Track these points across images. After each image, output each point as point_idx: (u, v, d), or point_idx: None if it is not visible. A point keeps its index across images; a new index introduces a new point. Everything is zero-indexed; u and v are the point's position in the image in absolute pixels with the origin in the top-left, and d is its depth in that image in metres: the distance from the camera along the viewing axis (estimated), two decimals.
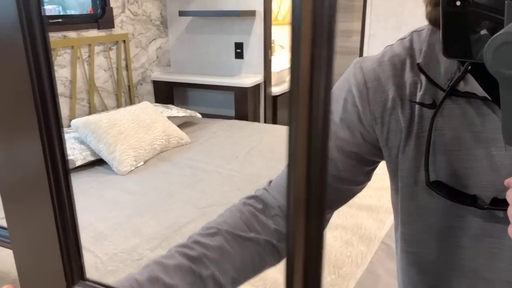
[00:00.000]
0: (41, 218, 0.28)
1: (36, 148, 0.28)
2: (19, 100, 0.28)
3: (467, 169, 0.46)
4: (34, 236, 0.29)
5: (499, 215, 0.46)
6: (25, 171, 0.29)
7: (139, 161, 1.75)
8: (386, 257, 1.16)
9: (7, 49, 0.27)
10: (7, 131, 0.29)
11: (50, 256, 0.29)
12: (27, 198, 0.29)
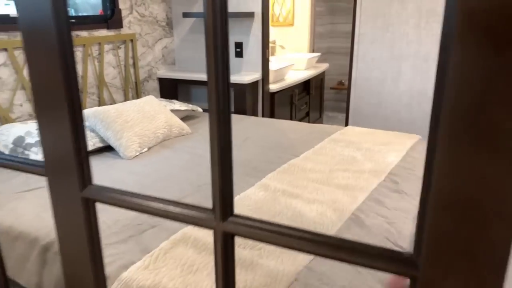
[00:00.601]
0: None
1: (66, 126, 0.48)
2: (54, 87, 0.48)
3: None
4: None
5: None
6: (58, 141, 0.49)
7: (143, 148, 1.95)
8: (355, 225, 1.34)
9: (45, 46, 0.47)
10: (48, 110, 0.49)
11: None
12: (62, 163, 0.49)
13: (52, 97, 0.52)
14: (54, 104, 0.52)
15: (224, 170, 0.46)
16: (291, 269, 1.10)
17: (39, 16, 0.49)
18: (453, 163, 0.32)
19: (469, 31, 0.29)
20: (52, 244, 1.27)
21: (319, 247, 0.43)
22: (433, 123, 0.33)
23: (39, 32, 0.50)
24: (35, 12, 0.49)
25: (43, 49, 0.50)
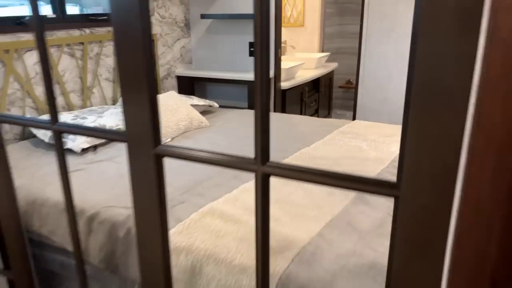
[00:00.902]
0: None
1: (145, 99, 0.66)
2: (137, 71, 0.66)
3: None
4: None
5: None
6: (139, 113, 0.68)
7: (167, 138, 2.14)
8: (361, 203, 1.51)
9: (133, 41, 0.66)
10: (132, 90, 0.67)
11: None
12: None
13: (136, 78, 0.71)
14: (137, 84, 0.71)
15: (264, 130, 0.65)
16: (305, 235, 1.28)
17: (129, 16, 0.68)
18: (419, 124, 0.50)
19: (430, 28, 0.47)
20: (96, 215, 1.47)
21: (330, 179, 0.61)
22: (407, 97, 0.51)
23: (129, 29, 0.69)
24: (126, 12, 0.68)
25: (131, 42, 0.69)
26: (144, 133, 0.74)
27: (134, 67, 0.70)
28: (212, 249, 1.23)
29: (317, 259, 1.17)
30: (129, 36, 0.69)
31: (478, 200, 0.43)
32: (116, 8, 0.69)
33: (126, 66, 0.71)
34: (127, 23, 0.68)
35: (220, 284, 1.16)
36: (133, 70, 0.71)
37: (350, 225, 1.35)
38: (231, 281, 1.15)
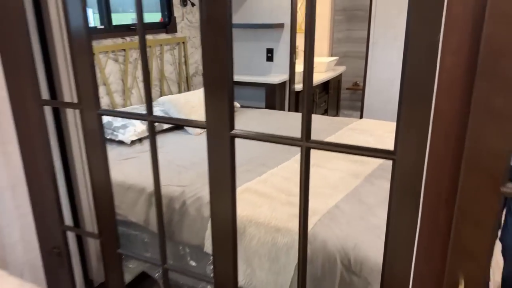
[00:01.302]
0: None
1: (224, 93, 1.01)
2: (219, 68, 1.02)
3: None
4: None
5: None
6: (217, 104, 1.04)
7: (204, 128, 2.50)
8: (368, 184, 1.85)
9: (220, 42, 1.02)
10: (213, 84, 1.02)
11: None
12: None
13: (217, 74, 1.05)
14: (219, 84, 1.05)
15: (308, 118, 0.99)
16: (324, 206, 1.62)
17: (219, 19, 1.02)
18: (407, 112, 0.84)
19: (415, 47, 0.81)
20: None
21: (351, 149, 0.95)
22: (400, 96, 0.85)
23: (218, 30, 1.02)
24: (217, 16, 1.02)
25: (218, 44, 1.02)
26: (223, 121, 1.09)
27: (219, 72, 1.04)
28: (252, 215, 1.58)
29: (334, 222, 1.51)
30: (214, 48, 1.03)
31: (438, 155, 0.77)
32: (206, 12, 1.03)
33: (211, 71, 1.06)
34: (216, 25, 1.03)
35: (260, 241, 1.51)
36: (217, 75, 1.05)
37: (359, 200, 1.69)
38: (269, 238, 1.50)
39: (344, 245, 1.40)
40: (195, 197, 1.73)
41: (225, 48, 1.03)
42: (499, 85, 0.64)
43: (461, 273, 0.78)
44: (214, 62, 1.06)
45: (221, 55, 1.04)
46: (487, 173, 0.70)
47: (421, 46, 0.73)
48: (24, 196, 1.64)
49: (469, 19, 0.65)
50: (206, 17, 1.02)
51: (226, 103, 1.07)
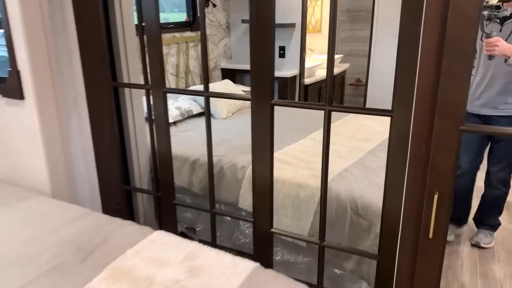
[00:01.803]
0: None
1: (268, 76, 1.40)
2: (265, 60, 1.41)
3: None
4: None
5: None
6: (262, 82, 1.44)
7: (229, 113, 2.88)
8: (372, 157, 2.23)
9: (265, 39, 1.41)
10: (259, 71, 1.40)
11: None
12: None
13: (262, 57, 1.42)
14: (262, 60, 1.43)
15: (330, 87, 1.37)
16: (336, 169, 2.00)
17: (265, 18, 1.40)
18: (401, 84, 1.21)
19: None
20: (197, 160, 2.20)
21: (359, 110, 1.33)
22: None
23: (264, 26, 1.40)
24: (263, 16, 1.40)
25: (263, 36, 1.40)
26: (265, 92, 1.46)
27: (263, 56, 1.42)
28: (278, 175, 1.96)
29: (344, 180, 1.90)
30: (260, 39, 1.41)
31: (420, 109, 1.14)
32: (254, 27, 1.41)
33: (257, 56, 1.43)
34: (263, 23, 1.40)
35: (285, 195, 1.89)
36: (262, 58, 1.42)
37: (364, 166, 2.08)
38: (292, 192, 1.88)
39: (353, 195, 1.78)
40: (231, 164, 2.11)
41: (269, 39, 1.41)
42: (457, 59, 1.02)
43: (436, 189, 1.16)
44: (260, 49, 1.44)
45: (265, 44, 1.42)
46: (451, 117, 1.08)
47: (409, 34, 1.11)
48: (92, 162, 2.02)
49: (439, 16, 1.03)
50: (255, 15, 1.40)
51: (268, 79, 1.45)
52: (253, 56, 1.45)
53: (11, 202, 1.65)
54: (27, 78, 1.67)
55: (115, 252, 1.31)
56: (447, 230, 1.20)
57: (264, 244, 1.65)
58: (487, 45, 2.08)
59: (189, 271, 1.22)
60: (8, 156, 1.89)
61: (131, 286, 1.16)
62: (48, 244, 1.37)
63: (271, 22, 1.38)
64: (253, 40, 1.43)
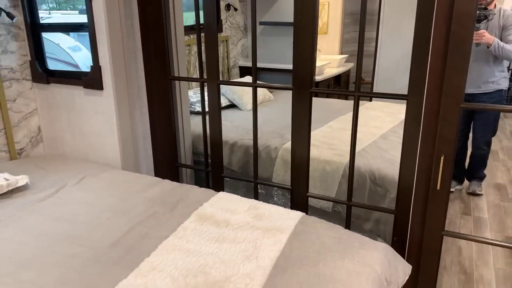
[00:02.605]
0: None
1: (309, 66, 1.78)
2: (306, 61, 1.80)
3: None
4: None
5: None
6: (303, 74, 1.83)
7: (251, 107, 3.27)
8: (383, 140, 2.62)
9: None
10: (300, 65, 1.78)
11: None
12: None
13: (302, 54, 1.81)
14: (303, 56, 1.81)
15: (359, 74, 1.75)
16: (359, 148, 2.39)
17: (308, 25, 1.78)
18: (415, 74, 1.60)
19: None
20: (235, 143, 2.58)
21: (378, 94, 1.72)
22: None
23: (305, 31, 1.78)
24: (306, 22, 1.78)
25: (305, 38, 1.78)
26: (305, 83, 1.85)
27: (303, 53, 1.80)
28: None
29: (363, 157, 2.28)
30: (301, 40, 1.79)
31: (430, 93, 1.53)
32: (296, 31, 1.79)
33: (299, 53, 1.81)
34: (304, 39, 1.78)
35: (314, 169, 2.28)
36: (302, 54, 1.81)
37: (377, 147, 2.47)
38: (320, 167, 2.27)
39: (371, 168, 2.18)
40: (265, 146, 2.49)
41: (310, 41, 1.79)
42: (458, 55, 1.41)
43: (442, 152, 1.55)
44: (302, 50, 1.82)
45: (307, 46, 1.80)
46: (454, 98, 1.46)
47: (422, 37, 1.50)
48: (149, 144, 2.39)
49: (445, 24, 1.42)
50: (299, 24, 1.78)
51: (309, 71, 1.84)
52: (295, 53, 1.84)
53: (96, 173, 2.03)
54: (108, 73, 2.04)
55: (194, 205, 1.69)
56: (451, 183, 1.59)
57: (300, 207, 2.03)
58: (476, 35, 2.71)
59: (254, 216, 1.61)
60: (83, 138, 2.27)
61: (214, 226, 1.54)
62: (138, 200, 1.75)
63: (313, 23, 1.77)
64: (296, 41, 1.82)
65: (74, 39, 2.89)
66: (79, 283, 1.24)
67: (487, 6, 2.83)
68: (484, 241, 1.91)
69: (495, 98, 2.98)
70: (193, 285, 1.22)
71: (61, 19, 2.64)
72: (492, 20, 2.84)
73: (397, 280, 1.45)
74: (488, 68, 2.91)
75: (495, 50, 2.79)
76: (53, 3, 2.69)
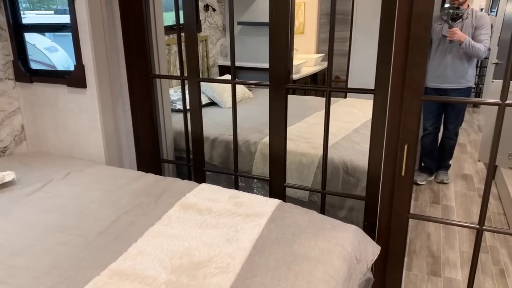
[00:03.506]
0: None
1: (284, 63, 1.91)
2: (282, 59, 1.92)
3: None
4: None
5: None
6: (279, 71, 1.95)
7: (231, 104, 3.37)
8: (356, 134, 2.77)
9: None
10: (275, 63, 1.91)
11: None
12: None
13: (278, 52, 1.93)
14: (279, 54, 1.93)
15: (330, 70, 1.89)
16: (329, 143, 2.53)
17: (282, 25, 1.90)
18: (380, 70, 1.74)
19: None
20: (216, 139, 2.69)
21: (347, 90, 1.86)
22: None
23: (280, 31, 1.91)
24: (279, 20, 1.90)
25: (281, 36, 1.90)
26: (281, 79, 1.96)
27: (279, 51, 1.92)
28: None
29: (336, 149, 2.42)
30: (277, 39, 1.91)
31: (394, 87, 1.67)
32: (272, 30, 1.91)
33: (275, 51, 1.93)
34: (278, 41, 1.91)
35: (290, 161, 2.40)
36: (278, 52, 1.93)
37: (350, 140, 2.62)
38: (297, 159, 2.40)
39: (343, 159, 2.32)
40: (244, 140, 2.61)
41: (285, 39, 1.91)
42: (417, 52, 1.56)
43: (406, 142, 1.69)
44: (277, 48, 1.94)
45: (282, 44, 1.92)
46: (415, 91, 1.61)
47: (386, 36, 1.64)
48: (131, 140, 2.47)
49: (405, 24, 1.56)
50: (274, 18, 1.90)
51: (284, 68, 1.95)
52: (271, 51, 1.95)
53: (80, 169, 2.10)
54: (91, 71, 2.11)
55: (177, 195, 1.79)
56: (414, 170, 1.74)
57: (278, 197, 2.15)
58: (450, 33, 2.98)
59: (235, 204, 1.72)
60: (67, 135, 2.33)
61: (197, 213, 1.64)
62: (124, 193, 1.84)
63: (287, 23, 1.89)
64: (272, 39, 1.94)
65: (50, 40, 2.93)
66: (71, 267, 1.32)
67: (459, 6, 3.04)
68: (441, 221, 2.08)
69: (465, 93, 3.21)
70: (178, 265, 1.32)
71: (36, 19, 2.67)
72: (466, 20, 3.05)
73: (366, 259, 1.58)
74: (462, 66, 3.13)
75: (466, 47, 3.00)
76: (26, 3, 2.72)
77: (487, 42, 3.04)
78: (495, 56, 4.31)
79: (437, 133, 3.47)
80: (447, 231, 2.79)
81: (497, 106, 1.52)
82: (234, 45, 2.08)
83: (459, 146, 4.38)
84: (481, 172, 3.78)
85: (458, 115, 3.39)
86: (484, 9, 6.99)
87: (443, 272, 2.37)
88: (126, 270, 1.29)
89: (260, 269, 1.30)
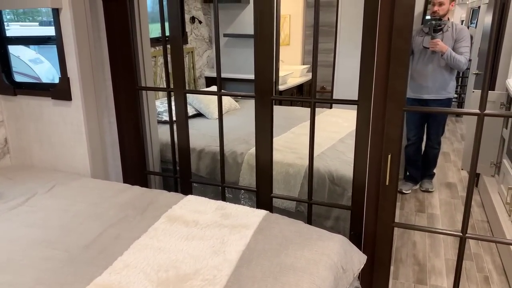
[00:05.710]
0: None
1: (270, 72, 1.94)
2: (268, 71, 1.96)
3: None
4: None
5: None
6: (264, 83, 1.98)
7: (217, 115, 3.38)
8: (340, 143, 2.80)
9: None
10: (261, 72, 1.94)
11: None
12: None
13: (263, 65, 1.95)
14: (264, 68, 1.95)
15: (314, 83, 1.91)
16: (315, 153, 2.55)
17: (267, 37, 1.93)
18: (363, 81, 1.77)
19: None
20: (202, 150, 2.69)
21: (332, 101, 1.88)
22: None
23: (265, 43, 1.93)
24: (265, 34, 1.93)
25: (266, 49, 1.93)
26: (267, 90, 1.98)
27: (264, 65, 1.94)
28: None
29: (322, 159, 2.45)
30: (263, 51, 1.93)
31: (377, 97, 1.70)
32: (257, 44, 1.93)
33: (261, 64, 1.95)
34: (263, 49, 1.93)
35: (277, 172, 2.41)
36: (263, 66, 1.95)
37: (336, 150, 2.64)
38: (283, 170, 2.41)
39: (330, 169, 2.34)
40: (231, 151, 2.61)
41: (270, 51, 1.94)
42: (398, 64, 1.59)
43: (389, 151, 1.72)
44: (262, 60, 1.96)
45: (267, 56, 1.94)
46: (397, 102, 1.64)
47: (368, 48, 1.68)
48: (117, 153, 2.46)
49: (386, 37, 1.60)
50: (259, 36, 1.93)
51: (269, 79, 1.98)
52: (256, 63, 1.98)
53: (65, 182, 2.08)
54: (76, 83, 2.11)
55: (164, 207, 1.79)
56: (398, 179, 1.77)
57: (265, 207, 2.16)
58: (431, 44, 3.07)
59: (221, 216, 1.72)
60: (52, 148, 2.31)
61: (183, 225, 1.64)
62: (110, 205, 1.82)
63: (272, 35, 1.92)
64: (257, 52, 1.96)
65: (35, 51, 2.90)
66: (55, 282, 1.30)
67: (441, 17, 3.14)
68: (425, 229, 2.10)
69: (445, 104, 3.29)
70: (164, 278, 1.31)
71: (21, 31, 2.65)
72: (446, 32, 3.15)
73: (353, 268, 1.60)
74: (442, 77, 3.22)
75: (447, 58, 3.09)
76: (11, 14, 2.70)
77: (467, 54, 3.14)
78: (475, 67, 4.42)
79: (420, 143, 3.52)
80: (433, 239, 2.83)
81: (476, 116, 1.56)
82: (220, 57, 2.09)
83: (442, 155, 4.46)
84: (464, 180, 3.85)
85: (440, 125, 3.47)
86: (464, 21, 7.18)
87: (429, 280, 2.39)
88: (111, 284, 1.28)
89: (247, 281, 1.30)
